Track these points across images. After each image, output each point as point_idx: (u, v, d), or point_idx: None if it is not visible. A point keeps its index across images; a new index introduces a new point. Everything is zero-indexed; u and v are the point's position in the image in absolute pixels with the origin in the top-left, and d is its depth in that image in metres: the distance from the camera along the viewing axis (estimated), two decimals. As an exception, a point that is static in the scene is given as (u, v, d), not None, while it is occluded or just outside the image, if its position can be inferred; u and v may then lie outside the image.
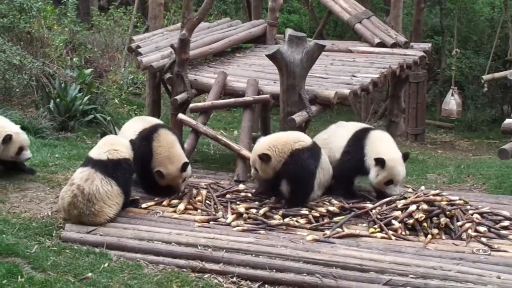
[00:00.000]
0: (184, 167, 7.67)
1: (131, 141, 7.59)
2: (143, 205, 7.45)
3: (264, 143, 7.67)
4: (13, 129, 8.17)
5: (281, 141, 7.62)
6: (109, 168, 7.04)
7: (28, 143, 8.30)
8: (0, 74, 12.03)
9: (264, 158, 7.51)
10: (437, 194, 7.27)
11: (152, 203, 7.52)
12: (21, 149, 8.09)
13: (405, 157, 7.84)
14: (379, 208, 7.25)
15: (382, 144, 7.84)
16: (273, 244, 6.45)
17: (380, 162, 7.56)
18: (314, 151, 7.71)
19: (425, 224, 6.84)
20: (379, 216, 7.08)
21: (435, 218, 6.90)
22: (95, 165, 7.03)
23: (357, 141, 7.93)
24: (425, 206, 6.95)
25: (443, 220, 6.84)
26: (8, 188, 7.86)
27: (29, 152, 8.27)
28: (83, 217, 6.84)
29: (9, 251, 6.08)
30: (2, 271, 5.58)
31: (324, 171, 7.77)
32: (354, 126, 8.32)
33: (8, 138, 7.94)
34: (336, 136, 8.25)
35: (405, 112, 14.73)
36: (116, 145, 7.32)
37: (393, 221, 6.95)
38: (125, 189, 7.17)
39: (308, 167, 7.54)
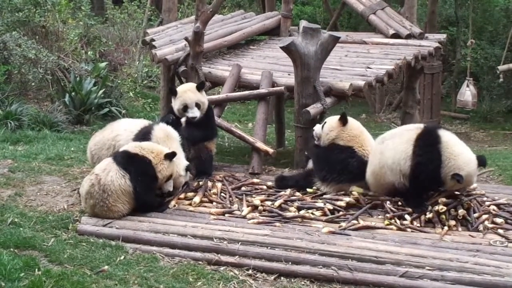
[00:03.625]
0: None
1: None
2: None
3: None
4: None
5: None
6: (125, 160, 6.95)
7: (175, 176, 7.34)
8: (16, 68, 12.11)
9: None
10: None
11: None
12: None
13: (481, 162, 7.06)
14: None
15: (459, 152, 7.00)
16: (289, 237, 6.45)
17: (458, 179, 6.81)
18: None
19: (443, 216, 6.81)
20: (393, 209, 7.05)
21: (452, 209, 6.88)
22: (115, 156, 7.05)
23: (428, 147, 7.04)
24: (444, 199, 6.92)
25: (461, 212, 6.80)
26: (25, 181, 7.90)
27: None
28: (97, 208, 6.82)
29: (26, 244, 6.12)
30: (20, 264, 5.61)
31: None
32: (412, 128, 7.41)
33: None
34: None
35: (420, 103, 14.63)
36: (147, 144, 7.17)
37: (406, 216, 6.92)
38: (137, 189, 6.89)
39: None
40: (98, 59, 14.13)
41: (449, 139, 7.02)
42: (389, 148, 7.16)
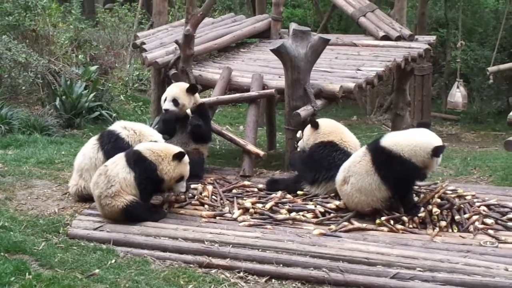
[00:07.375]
0: None
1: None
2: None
3: None
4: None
5: None
6: (133, 160, 6.94)
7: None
8: (6, 72, 12.09)
9: None
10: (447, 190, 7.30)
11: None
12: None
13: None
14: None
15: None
16: (280, 239, 6.45)
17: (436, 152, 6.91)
18: None
19: (435, 217, 6.82)
20: (386, 211, 7.06)
21: (445, 211, 6.90)
22: (127, 153, 7.06)
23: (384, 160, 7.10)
24: (438, 200, 6.95)
25: (458, 218, 6.82)
26: (15, 185, 7.88)
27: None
28: (102, 198, 6.82)
29: (16, 248, 6.10)
30: (10, 269, 5.59)
31: None
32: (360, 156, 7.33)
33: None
34: None
35: (410, 105, 14.68)
36: (157, 147, 7.15)
37: (404, 218, 6.90)
38: (140, 188, 6.91)
39: None
40: (89, 63, 14.14)
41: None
42: (356, 189, 7.04)
